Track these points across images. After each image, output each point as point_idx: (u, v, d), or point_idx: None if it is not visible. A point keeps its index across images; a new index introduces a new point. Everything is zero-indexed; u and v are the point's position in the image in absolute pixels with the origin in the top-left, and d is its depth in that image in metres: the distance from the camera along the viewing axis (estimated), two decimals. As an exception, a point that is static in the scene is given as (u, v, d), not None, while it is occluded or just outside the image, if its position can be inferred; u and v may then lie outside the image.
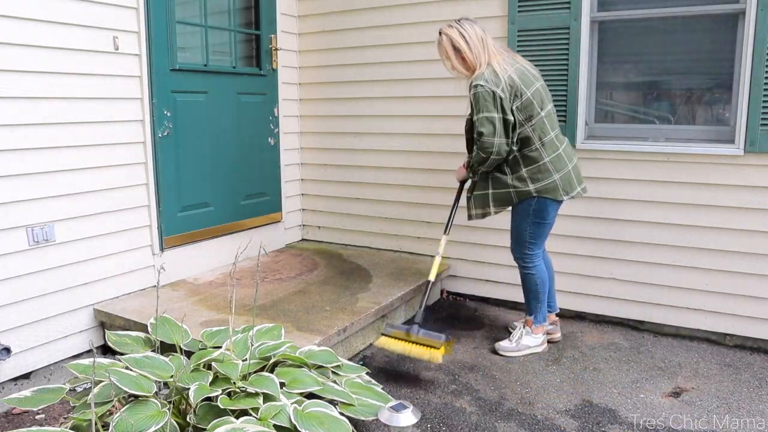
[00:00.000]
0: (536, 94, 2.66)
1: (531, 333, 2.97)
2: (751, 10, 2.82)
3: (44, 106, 2.61)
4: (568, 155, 2.77)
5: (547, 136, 2.70)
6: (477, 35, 2.68)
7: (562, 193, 2.73)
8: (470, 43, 2.67)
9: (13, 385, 2.62)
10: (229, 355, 2.07)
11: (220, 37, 3.62)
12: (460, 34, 2.69)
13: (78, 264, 2.81)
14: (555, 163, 2.70)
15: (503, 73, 2.62)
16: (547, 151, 2.70)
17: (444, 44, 2.73)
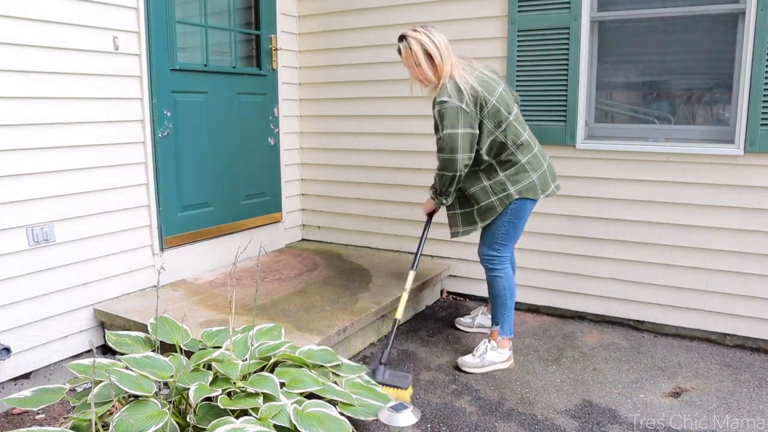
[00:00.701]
0: (501, 100, 2.59)
1: (497, 347, 2.81)
2: (751, 10, 2.82)
3: (44, 106, 2.61)
4: (542, 154, 2.73)
5: (521, 137, 2.64)
6: (444, 42, 2.60)
7: (540, 192, 2.69)
8: (440, 48, 2.58)
9: (13, 385, 2.62)
10: (229, 355, 2.07)
11: (220, 37, 3.62)
12: (430, 39, 2.57)
13: (78, 264, 2.81)
14: (532, 163, 2.66)
15: (465, 84, 2.54)
16: (524, 152, 2.65)
17: (414, 49, 2.58)
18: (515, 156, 2.64)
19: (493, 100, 2.57)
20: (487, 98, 2.55)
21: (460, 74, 2.57)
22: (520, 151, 2.64)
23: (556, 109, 3.29)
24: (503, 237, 2.75)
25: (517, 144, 2.63)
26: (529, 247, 3.49)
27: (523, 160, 2.65)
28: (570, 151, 3.30)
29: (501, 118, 2.58)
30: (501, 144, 2.61)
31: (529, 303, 3.56)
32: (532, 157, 2.67)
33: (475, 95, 2.54)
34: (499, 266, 2.78)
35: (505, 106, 2.60)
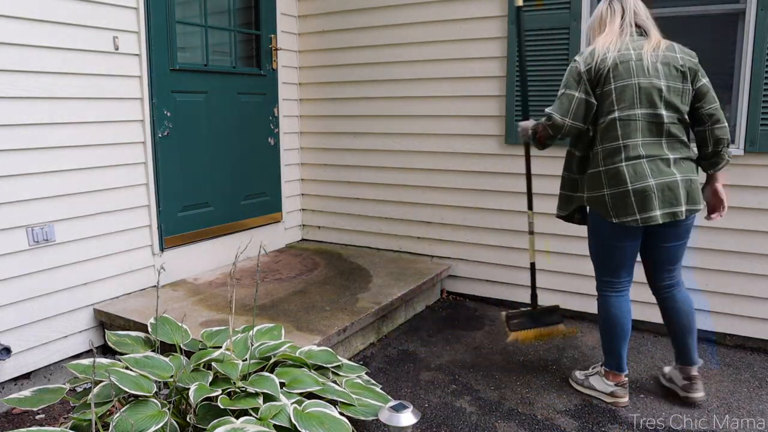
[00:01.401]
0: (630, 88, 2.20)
1: (602, 375, 2.53)
2: (751, 10, 2.82)
3: (44, 106, 2.61)
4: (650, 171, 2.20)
5: (630, 140, 2.21)
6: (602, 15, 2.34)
7: (612, 214, 2.24)
8: (594, 20, 2.40)
9: (13, 385, 2.62)
10: (229, 355, 2.07)
11: (220, 37, 3.62)
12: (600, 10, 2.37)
13: (78, 264, 2.81)
14: (616, 175, 2.23)
15: (603, 51, 2.24)
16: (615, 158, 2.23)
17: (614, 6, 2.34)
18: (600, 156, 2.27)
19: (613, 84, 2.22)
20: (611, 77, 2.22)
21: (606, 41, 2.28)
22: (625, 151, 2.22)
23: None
24: (597, 258, 2.45)
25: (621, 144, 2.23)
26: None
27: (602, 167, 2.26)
28: (570, 151, 3.29)
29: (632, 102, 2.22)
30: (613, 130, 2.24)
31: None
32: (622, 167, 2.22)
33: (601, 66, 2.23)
34: (600, 293, 2.45)
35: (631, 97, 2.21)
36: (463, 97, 3.58)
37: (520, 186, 3.46)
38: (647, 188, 2.20)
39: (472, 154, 3.59)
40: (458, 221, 3.69)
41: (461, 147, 3.62)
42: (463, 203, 3.64)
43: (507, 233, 3.55)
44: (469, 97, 3.55)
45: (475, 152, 3.57)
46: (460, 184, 3.64)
